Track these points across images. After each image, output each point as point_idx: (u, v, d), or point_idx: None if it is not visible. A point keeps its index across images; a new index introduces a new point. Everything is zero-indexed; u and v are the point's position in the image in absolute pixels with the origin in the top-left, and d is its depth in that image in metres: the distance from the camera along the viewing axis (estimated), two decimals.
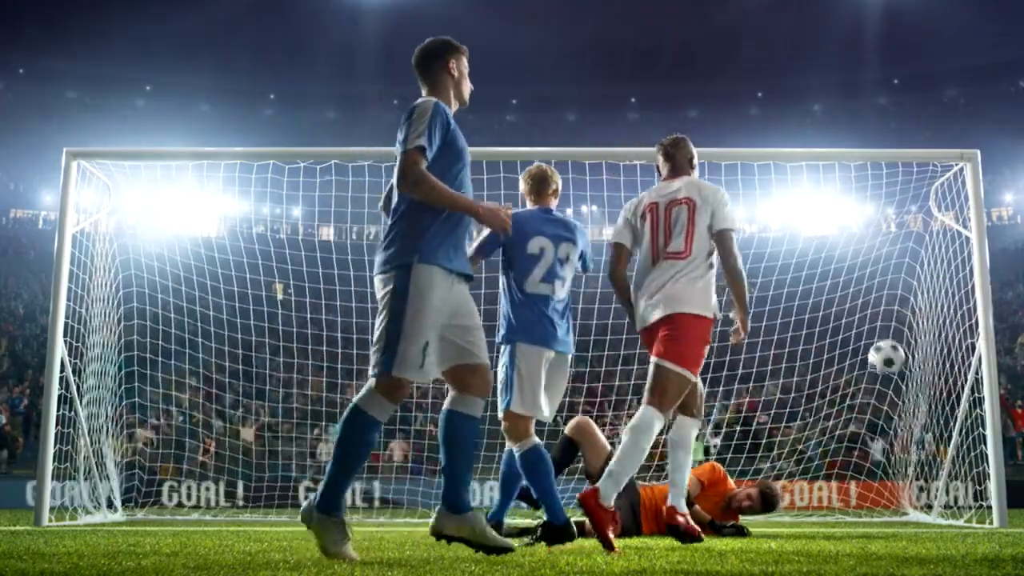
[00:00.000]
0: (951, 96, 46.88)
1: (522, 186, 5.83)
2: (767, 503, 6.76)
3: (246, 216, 19.34)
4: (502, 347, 5.34)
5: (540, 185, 5.71)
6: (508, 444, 5.32)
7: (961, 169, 9.00)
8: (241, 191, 12.23)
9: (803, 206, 20.45)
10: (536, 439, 5.12)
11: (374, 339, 4.15)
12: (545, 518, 4.98)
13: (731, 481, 7.05)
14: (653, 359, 5.16)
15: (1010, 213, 41.64)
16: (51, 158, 11.89)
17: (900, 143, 28.96)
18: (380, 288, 4.20)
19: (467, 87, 4.61)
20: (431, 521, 4.23)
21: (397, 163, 4.17)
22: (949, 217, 9.49)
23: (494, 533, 4.23)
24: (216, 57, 42.96)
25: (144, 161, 10.50)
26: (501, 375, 5.31)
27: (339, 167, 10.70)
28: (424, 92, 4.50)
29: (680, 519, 5.29)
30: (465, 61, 4.58)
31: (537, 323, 5.22)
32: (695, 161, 5.71)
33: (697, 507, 6.58)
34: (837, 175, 10.81)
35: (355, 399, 4.18)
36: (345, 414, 4.16)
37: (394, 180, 4.25)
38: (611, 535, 4.65)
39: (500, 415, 5.28)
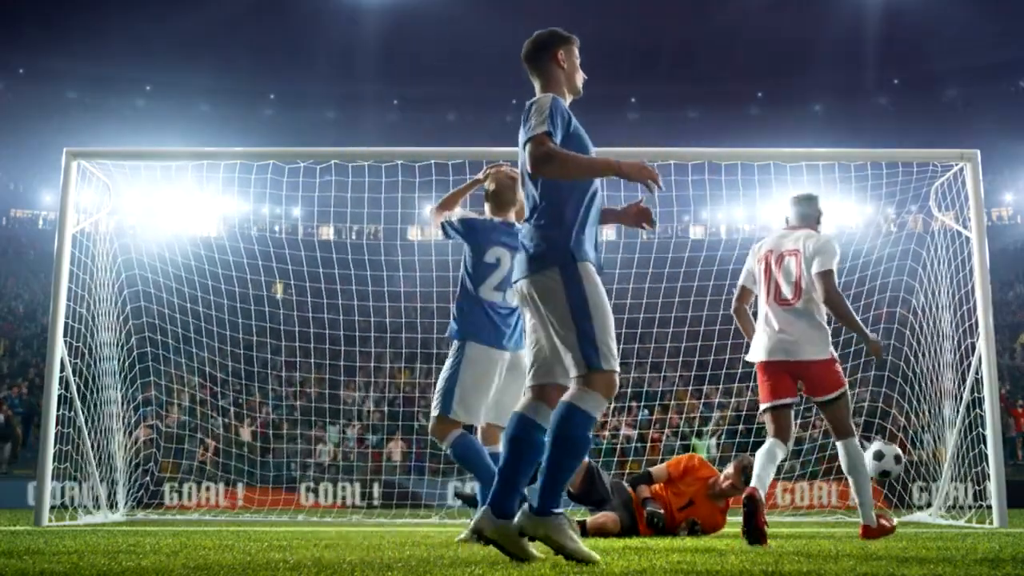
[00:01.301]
0: (951, 96, 46.85)
1: (487, 183, 5.99)
2: (748, 476, 6.74)
3: (246, 216, 19.35)
4: (454, 342, 5.71)
5: (498, 199, 5.92)
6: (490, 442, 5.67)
7: (961, 169, 9.00)
8: (241, 191, 12.23)
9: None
10: (459, 429, 5.54)
11: (566, 341, 3.95)
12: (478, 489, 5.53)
13: (712, 468, 7.06)
14: (820, 397, 5.96)
15: (1010, 213, 41.64)
16: (51, 158, 11.88)
17: (900, 143, 28.91)
18: (535, 290, 4.02)
19: (579, 77, 4.45)
20: (519, 519, 3.91)
21: (527, 156, 4.00)
22: (949, 217, 9.49)
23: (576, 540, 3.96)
24: (216, 57, 42.93)
25: (144, 161, 10.50)
26: (445, 375, 5.66)
27: (339, 167, 10.70)
28: (537, 87, 4.37)
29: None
30: (576, 50, 4.46)
31: (489, 325, 5.61)
32: (823, 219, 6.31)
33: (650, 498, 6.65)
34: (837, 175, 10.82)
35: (568, 399, 3.92)
36: (561, 413, 3.89)
37: (527, 172, 4.08)
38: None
39: (433, 415, 5.63)
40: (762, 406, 6.01)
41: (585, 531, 6.23)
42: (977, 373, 8.61)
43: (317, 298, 13.62)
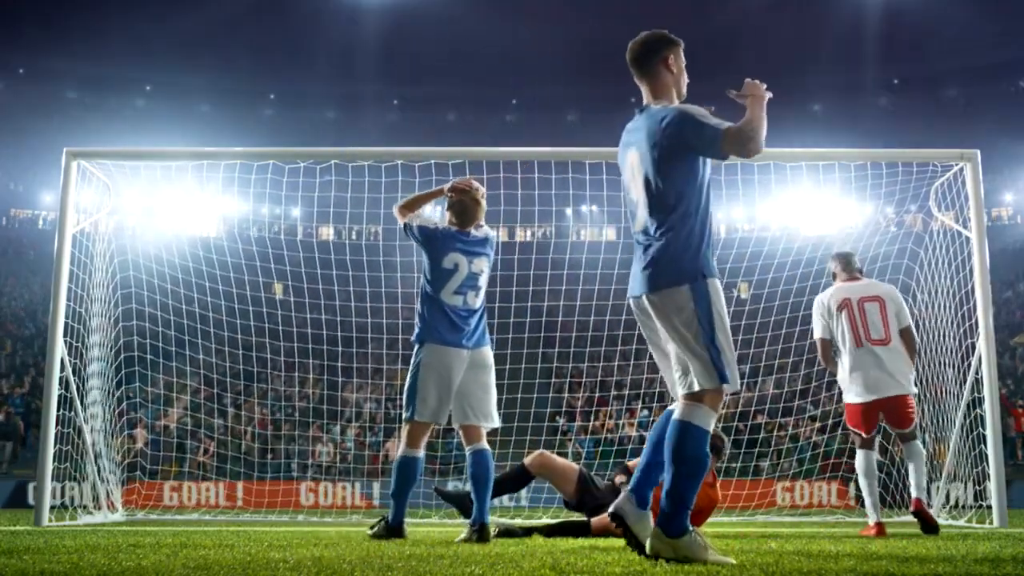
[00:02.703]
0: (951, 96, 46.86)
1: (453, 198, 6.17)
2: (714, 451, 6.75)
3: (246, 216, 19.35)
4: (415, 345, 5.96)
5: (462, 218, 6.12)
6: (470, 447, 5.96)
7: (961, 169, 8.99)
8: (241, 191, 12.22)
9: (803, 206, 20.43)
10: (419, 452, 5.85)
11: (694, 357, 3.94)
12: (389, 518, 5.87)
13: None
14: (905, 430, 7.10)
15: (1010, 213, 41.63)
16: (51, 158, 11.88)
17: (900, 143, 28.91)
18: (664, 305, 4.01)
19: (685, 81, 4.38)
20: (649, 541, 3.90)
21: (719, 147, 3.96)
22: (949, 217, 9.48)
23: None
24: (216, 57, 42.94)
25: (144, 161, 10.49)
26: (408, 380, 5.90)
27: (339, 167, 10.70)
28: (644, 90, 4.31)
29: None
30: (682, 54, 4.41)
31: (448, 326, 5.86)
32: (835, 279, 7.46)
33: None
34: (837, 175, 10.81)
35: (680, 416, 3.93)
36: (679, 433, 3.88)
37: (657, 183, 4.05)
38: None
39: (404, 419, 5.88)
40: (861, 437, 7.17)
41: (589, 531, 6.23)
42: (977, 373, 8.61)
43: (317, 298, 13.61)
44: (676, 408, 4.00)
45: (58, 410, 8.67)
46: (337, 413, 18.67)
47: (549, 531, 6.25)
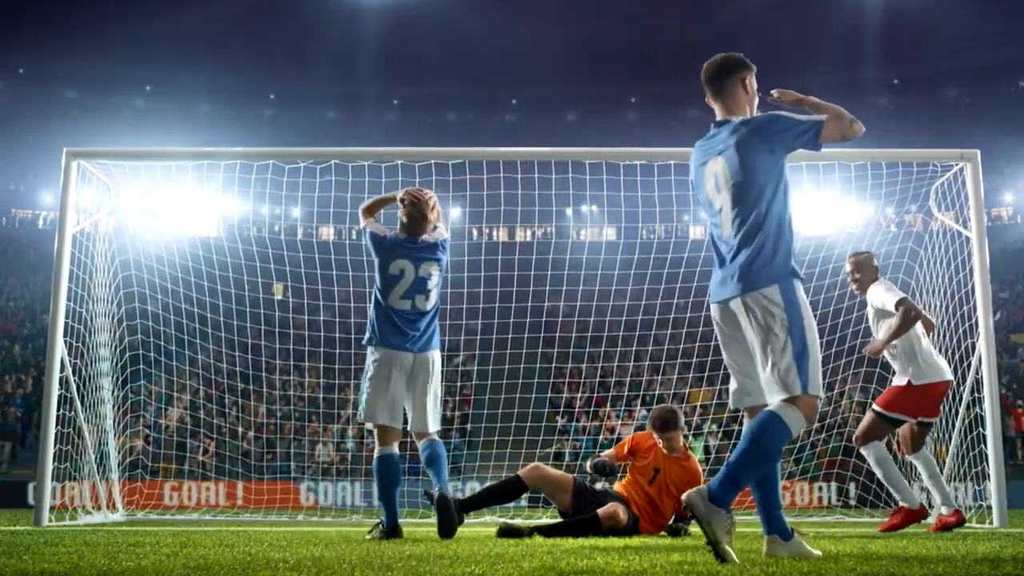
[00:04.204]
0: (951, 96, 46.86)
1: (402, 209, 6.35)
2: (663, 424, 6.71)
3: (246, 216, 19.34)
4: (366, 348, 6.23)
5: (409, 229, 6.31)
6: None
7: (961, 169, 9.00)
8: (241, 191, 12.22)
9: (803, 206, 20.44)
10: (390, 449, 6.00)
11: (781, 361, 4.02)
12: (384, 521, 6.02)
13: (652, 436, 7.01)
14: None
15: (1010, 213, 41.62)
16: (51, 158, 11.88)
17: (900, 143, 28.88)
18: (753, 308, 4.10)
19: (756, 103, 4.57)
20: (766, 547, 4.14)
21: (819, 134, 4.19)
22: (949, 217, 9.48)
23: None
24: (216, 57, 42.92)
25: (144, 161, 10.49)
26: (361, 383, 6.23)
27: (339, 167, 10.70)
28: (718, 107, 4.49)
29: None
30: (755, 78, 4.58)
31: (395, 330, 6.11)
32: (877, 274, 7.45)
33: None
34: (837, 175, 10.81)
35: (774, 409, 4.02)
36: (763, 420, 3.99)
37: (742, 184, 4.23)
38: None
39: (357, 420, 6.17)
40: (933, 419, 7.38)
41: (600, 525, 6.24)
42: (977, 373, 8.61)
43: (317, 298, 13.61)
44: (771, 406, 4.09)
45: (58, 410, 8.67)
46: (337, 414, 18.66)
47: (554, 530, 6.24)
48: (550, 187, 11.77)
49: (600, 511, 6.34)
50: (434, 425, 6.21)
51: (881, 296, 7.14)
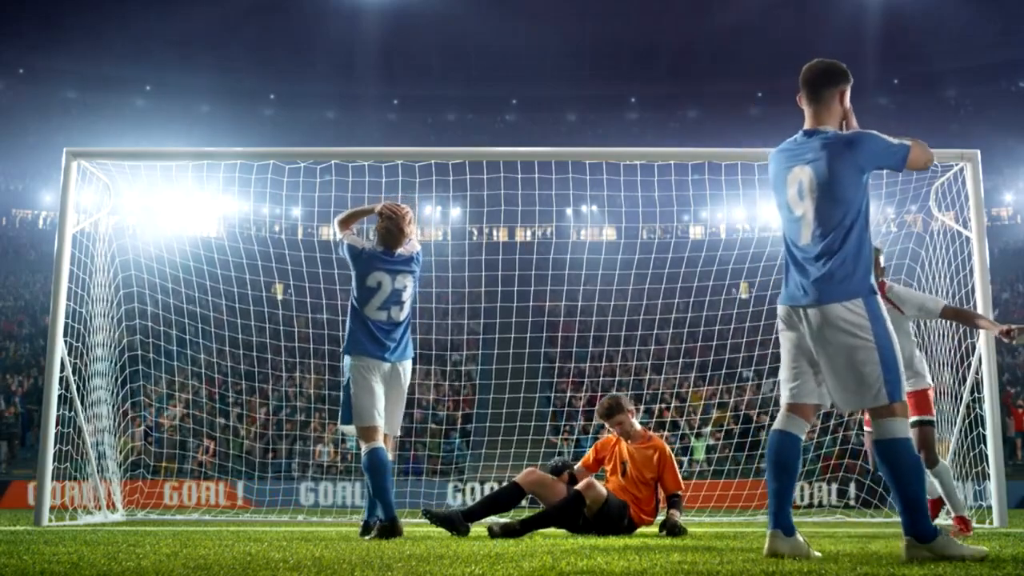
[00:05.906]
0: (951, 96, 46.87)
1: (379, 222, 6.51)
2: (607, 412, 6.78)
3: (246, 216, 19.31)
4: (344, 357, 6.36)
5: (385, 241, 6.45)
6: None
7: (961, 169, 9.00)
8: (241, 191, 12.22)
9: None
10: (379, 444, 6.08)
11: (867, 372, 4.11)
12: (381, 516, 6.05)
13: (611, 434, 7.07)
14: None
15: (1010, 213, 41.62)
16: (51, 158, 11.90)
17: None
18: (837, 319, 4.16)
19: (853, 118, 4.63)
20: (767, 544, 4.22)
21: (906, 159, 4.30)
22: (949, 217, 9.48)
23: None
24: (216, 57, 42.97)
25: (144, 161, 10.49)
26: (342, 391, 6.37)
27: (339, 167, 10.70)
28: (809, 113, 4.55)
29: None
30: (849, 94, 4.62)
31: (371, 340, 6.26)
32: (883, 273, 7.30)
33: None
34: None
35: (880, 435, 4.10)
36: (887, 451, 4.08)
37: (834, 195, 4.26)
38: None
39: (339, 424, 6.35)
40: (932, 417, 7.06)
41: (584, 500, 6.28)
42: (977, 373, 8.61)
43: (317, 298, 13.61)
44: (873, 428, 4.17)
45: (58, 410, 8.67)
46: (336, 413, 18.67)
47: (542, 519, 6.30)
48: (550, 187, 11.77)
49: (578, 485, 6.40)
50: (399, 429, 6.54)
51: (919, 298, 7.06)
